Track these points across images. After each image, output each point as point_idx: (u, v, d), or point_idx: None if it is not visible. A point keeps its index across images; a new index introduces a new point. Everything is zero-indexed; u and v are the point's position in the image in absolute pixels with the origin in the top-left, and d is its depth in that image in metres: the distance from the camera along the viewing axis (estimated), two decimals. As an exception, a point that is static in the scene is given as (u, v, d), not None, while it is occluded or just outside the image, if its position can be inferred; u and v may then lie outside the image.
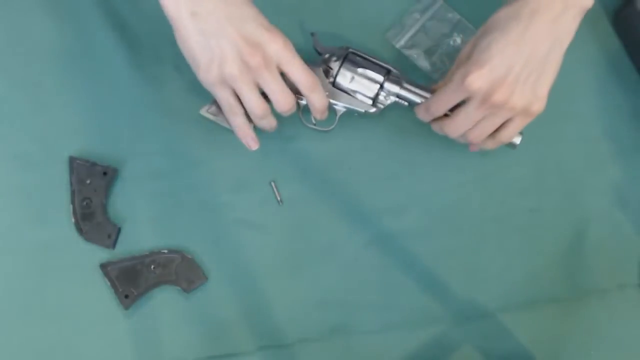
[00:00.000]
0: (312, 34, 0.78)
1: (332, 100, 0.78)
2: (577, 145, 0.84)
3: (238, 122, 0.73)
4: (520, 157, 0.82)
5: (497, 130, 0.73)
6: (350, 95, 0.77)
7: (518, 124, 0.72)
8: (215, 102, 0.77)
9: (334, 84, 0.77)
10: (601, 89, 0.85)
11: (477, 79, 0.67)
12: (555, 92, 0.84)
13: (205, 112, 0.78)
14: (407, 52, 0.84)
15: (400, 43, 0.84)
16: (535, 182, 0.84)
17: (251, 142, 0.75)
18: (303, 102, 0.78)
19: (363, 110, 0.78)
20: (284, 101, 0.70)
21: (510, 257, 0.83)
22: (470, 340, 0.81)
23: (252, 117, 0.73)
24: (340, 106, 0.78)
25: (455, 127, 0.72)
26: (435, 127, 0.76)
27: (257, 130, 0.76)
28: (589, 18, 0.84)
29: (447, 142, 0.78)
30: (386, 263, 0.82)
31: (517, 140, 0.79)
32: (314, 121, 0.79)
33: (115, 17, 0.82)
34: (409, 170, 0.83)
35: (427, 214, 0.83)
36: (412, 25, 0.84)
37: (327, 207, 0.82)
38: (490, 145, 0.76)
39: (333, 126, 0.79)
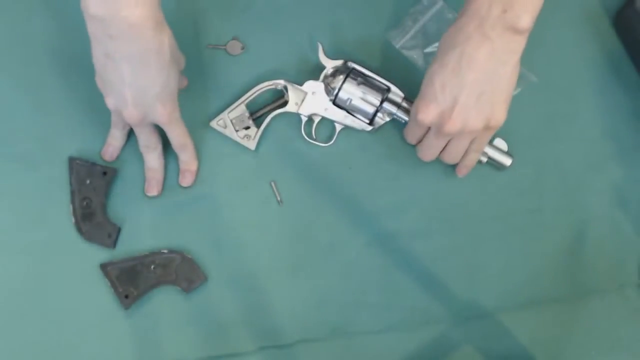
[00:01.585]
0: (319, 44, 0.79)
1: (330, 117, 0.80)
2: (577, 145, 0.84)
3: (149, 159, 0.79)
4: (520, 157, 0.82)
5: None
6: (349, 113, 0.80)
7: (481, 140, 0.75)
8: (223, 115, 0.80)
9: (334, 101, 0.79)
10: (601, 89, 0.85)
11: (427, 115, 0.70)
12: (555, 92, 0.84)
13: (215, 124, 0.81)
14: (407, 53, 0.84)
15: (401, 43, 0.84)
16: (535, 182, 0.84)
17: (154, 185, 0.80)
18: (304, 117, 0.81)
19: (360, 128, 0.81)
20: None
21: (510, 257, 0.83)
22: (470, 341, 0.81)
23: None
24: (339, 123, 0.81)
25: (423, 155, 0.77)
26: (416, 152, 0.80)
27: (262, 133, 0.80)
28: (589, 18, 0.85)
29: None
30: (386, 263, 0.82)
31: (508, 162, 0.81)
32: (314, 136, 0.82)
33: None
34: (409, 171, 0.83)
35: (427, 214, 0.83)
36: (413, 26, 0.84)
37: (327, 208, 0.82)
38: (466, 164, 0.78)
39: (332, 142, 0.82)
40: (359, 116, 0.80)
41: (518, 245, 0.83)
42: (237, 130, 0.80)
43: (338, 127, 0.81)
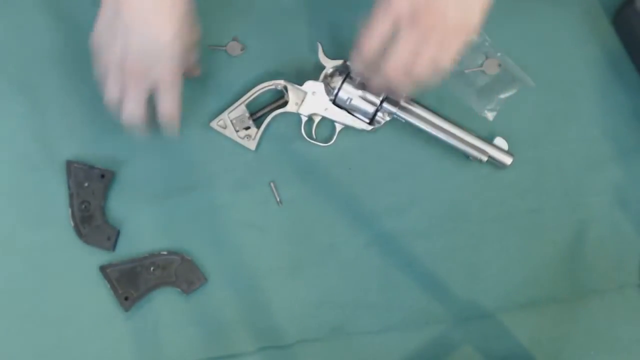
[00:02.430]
0: (318, 44, 0.79)
1: (330, 117, 0.80)
2: (577, 145, 0.84)
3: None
4: (521, 158, 0.82)
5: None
6: (349, 112, 0.80)
7: (455, 42, 0.65)
8: (223, 115, 0.80)
9: (334, 101, 0.79)
10: (601, 89, 0.85)
11: (402, 1, 0.62)
12: (555, 92, 0.84)
13: (215, 125, 0.80)
14: None
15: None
16: (535, 182, 0.83)
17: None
18: (304, 117, 0.80)
19: (360, 128, 0.80)
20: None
21: (511, 257, 0.83)
22: (470, 341, 0.82)
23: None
24: (339, 123, 0.81)
25: (395, 62, 0.65)
26: (378, 78, 0.69)
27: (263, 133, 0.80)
28: (589, 18, 0.85)
29: (446, 145, 0.78)
30: (386, 263, 0.82)
31: (508, 160, 0.80)
32: (314, 135, 0.81)
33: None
34: (409, 171, 0.83)
35: (427, 214, 0.83)
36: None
37: (327, 208, 0.82)
38: (436, 77, 0.67)
39: (332, 142, 0.81)
40: (359, 116, 0.79)
41: (518, 246, 0.83)
42: (237, 131, 0.80)
43: (338, 127, 0.81)
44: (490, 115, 0.83)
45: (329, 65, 0.79)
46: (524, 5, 0.84)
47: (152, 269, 0.79)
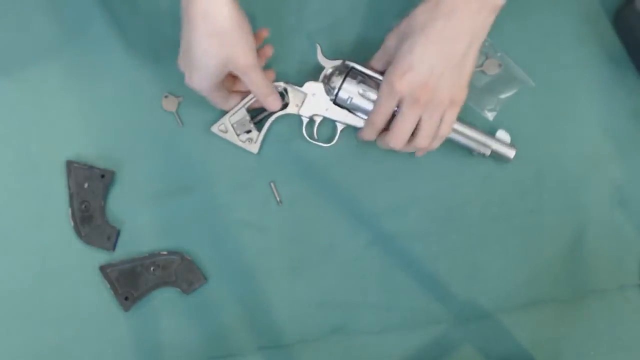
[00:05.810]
0: (317, 45, 0.79)
1: (331, 117, 0.80)
2: (577, 145, 0.84)
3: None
4: (521, 158, 0.82)
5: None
6: (350, 111, 0.79)
7: (450, 115, 0.74)
8: (224, 120, 0.79)
9: (335, 101, 0.79)
10: (601, 89, 0.84)
11: (406, 84, 0.71)
12: (556, 92, 0.84)
13: (217, 129, 0.80)
14: None
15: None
16: (535, 182, 0.83)
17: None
18: (306, 118, 0.81)
19: (361, 126, 0.79)
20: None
21: (511, 257, 0.83)
22: (470, 341, 0.82)
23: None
24: (340, 122, 0.80)
25: (398, 135, 0.75)
26: (382, 143, 0.78)
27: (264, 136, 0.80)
28: (589, 18, 0.85)
29: (447, 142, 0.78)
30: (386, 263, 0.82)
31: (511, 153, 0.80)
32: (315, 136, 0.82)
33: (114, 19, 0.81)
34: (409, 171, 0.83)
35: (427, 214, 0.83)
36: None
37: (327, 208, 0.82)
38: (436, 144, 0.77)
39: (334, 142, 0.81)
40: (360, 114, 0.79)
41: (518, 246, 0.83)
42: (238, 135, 0.80)
43: (339, 127, 0.81)
44: (490, 115, 0.83)
45: (328, 65, 0.79)
46: (524, 5, 0.84)
47: (152, 269, 0.79)
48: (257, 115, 0.81)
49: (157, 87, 0.81)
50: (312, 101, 0.80)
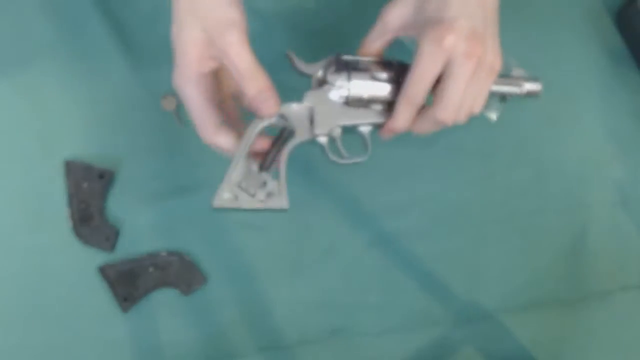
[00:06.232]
0: (287, 55, 0.65)
1: (350, 123, 0.66)
2: (579, 145, 0.84)
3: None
4: (521, 158, 0.81)
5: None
6: (365, 107, 0.66)
7: (487, 82, 0.64)
8: (225, 185, 0.65)
9: (347, 100, 0.65)
10: (604, 89, 0.84)
11: (457, 36, 0.60)
12: (556, 92, 0.84)
13: (222, 201, 0.65)
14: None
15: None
16: (536, 183, 0.83)
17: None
18: (323, 137, 0.66)
19: (382, 120, 0.66)
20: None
21: (512, 258, 0.82)
22: (471, 342, 0.81)
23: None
24: (365, 127, 0.67)
25: (451, 103, 0.62)
26: (425, 124, 0.65)
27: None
28: (591, 17, 0.85)
29: (448, 142, 0.78)
30: (387, 264, 0.82)
31: (538, 86, 0.70)
32: (344, 154, 0.68)
33: (113, 19, 0.82)
34: (410, 171, 0.83)
35: (428, 215, 0.82)
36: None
37: (327, 208, 0.82)
38: (477, 108, 0.65)
39: (368, 154, 0.68)
40: (376, 107, 0.66)
41: (519, 247, 0.83)
42: (253, 195, 0.65)
43: (365, 130, 0.67)
44: (494, 115, 0.83)
45: (315, 69, 0.66)
46: (526, 5, 0.83)
47: (151, 269, 0.79)
48: (265, 159, 0.66)
49: (156, 87, 0.81)
50: (321, 114, 0.65)
